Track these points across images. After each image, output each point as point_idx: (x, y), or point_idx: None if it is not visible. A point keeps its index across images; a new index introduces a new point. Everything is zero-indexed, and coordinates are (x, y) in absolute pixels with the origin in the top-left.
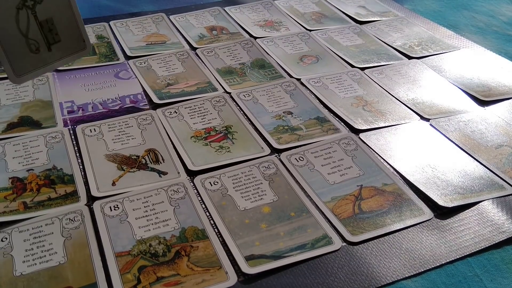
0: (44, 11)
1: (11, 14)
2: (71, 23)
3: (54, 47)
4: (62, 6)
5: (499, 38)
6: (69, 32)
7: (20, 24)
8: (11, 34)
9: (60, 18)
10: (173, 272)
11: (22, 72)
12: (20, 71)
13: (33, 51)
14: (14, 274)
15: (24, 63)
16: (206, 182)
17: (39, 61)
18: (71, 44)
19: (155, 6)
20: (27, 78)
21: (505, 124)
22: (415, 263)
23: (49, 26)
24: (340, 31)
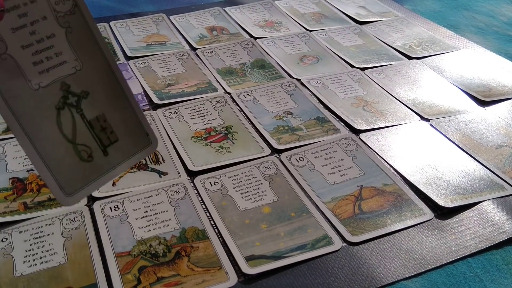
0: (92, 107)
1: (50, 117)
2: (128, 116)
3: (111, 150)
4: (114, 96)
5: (499, 39)
6: (128, 127)
7: (64, 128)
8: (54, 143)
9: (114, 112)
10: (174, 273)
11: (73, 190)
12: (71, 188)
13: (84, 159)
14: (14, 274)
15: (74, 178)
16: (207, 182)
17: (94, 171)
18: (132, 141)
19: (155, 7)
20: (81, 195)
21: (505, 124)
22: (415, 263)
23: (101, 124)
24: (340, 31)
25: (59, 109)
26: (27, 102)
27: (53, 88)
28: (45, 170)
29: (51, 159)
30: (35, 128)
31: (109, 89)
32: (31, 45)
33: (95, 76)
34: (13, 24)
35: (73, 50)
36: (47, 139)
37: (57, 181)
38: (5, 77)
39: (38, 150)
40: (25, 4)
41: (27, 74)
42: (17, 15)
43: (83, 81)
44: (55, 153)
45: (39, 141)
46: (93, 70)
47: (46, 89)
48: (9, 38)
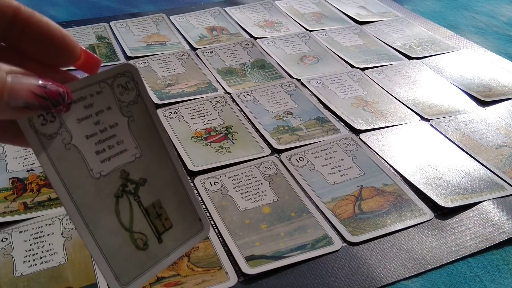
0: (149, 194)
1: (109, 205)
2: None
3: (165, 237)
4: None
5: (500, 39)
6: (182, 213)
7: (121, 216)
8: (112, 232)
9: (169, 198)
10: (173, 273)
11: (129, 279)
12: (126, 278)
13: (140, 247)
14: (14, 274)
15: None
16: (207, 182)
17: (148, 260)
18: (186, 227)
19: (155, 7)
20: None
21: (505, 125)
22: (415, 263)
23: (156, 211)
24: (340, 31)
25: (117, 197)
26: (88, 192)
27: (113, 176)
28: (102, 260)
29: (108, 249)
30: (95, 218)
31: (165, 175)
32: (95, 135)
33: (153, 163)
34: (79, 115)
35: (134, 138)
36: (106, 228)
37: (113, 271)
38: (69, 168)
39: (96, 240)
40: (92, 96)
41: (89, 163)
42: (83, 106)
43: (142, 168)
44: (112, 242)
45: (98, 230)
46: (151, 157)
47: (107, 177)
48: (74, 128)
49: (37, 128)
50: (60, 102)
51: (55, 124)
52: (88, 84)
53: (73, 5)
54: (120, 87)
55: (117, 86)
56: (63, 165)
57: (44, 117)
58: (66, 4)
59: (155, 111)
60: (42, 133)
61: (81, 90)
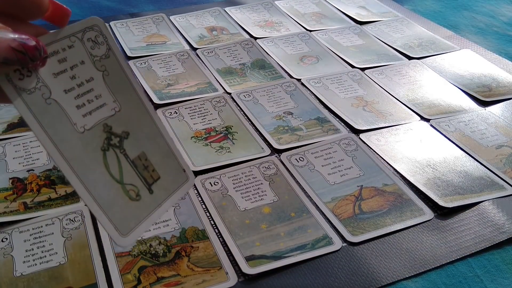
0: (134, 146)
1: (98, 158)
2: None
3: (155, 188)
4: (152, 135)
5: (500, 39)
6: (167, 164)
7: (111, 169)
8: (105, 184)
9: (152, 150)
10: (174, 273)
11: (128, 230)
12: (125, 228)
13: (133, 198)
14: (14, 274)
15: (127, 217)
16: (207, 182)
17: (143, 210)
18: (172, 178)
19: (155, 7)
20: (135, 235)
21: (505, 125)
22: (415, 263)
23: (143, 163)
24: (340, 31)
25: (104, 150)
26: (75, 145)
27: (97, 130)
28: (101, 213)
29: (104, 201)
30: (86, 171)
31: (146, 128)
32: (73, 89)
33: (132, 117)
34: (54, 69)
35: (111, 93)
36: (98, 181)
37: (112, 222)
38: (52, 122)
39: (91, 193)
40: (64, 50)
41: (72, 117)
42: (57, 61)
43: (123, 122)
44: (107, 195)
45: (92, 184)
46: (130, 111)
47: (91, 131)
48: (51, 83)
49: (15, 83)
50: (37, 56)
51: (32, 79)
52: (59, 38)
53: (73, 5)
54: (91, 41)
55: (87, 40)
56: (46, 119)
57: (20, 71)
58: (66, 4)
59: (127, 65)
60: (21, 88)
61: (53, 44)
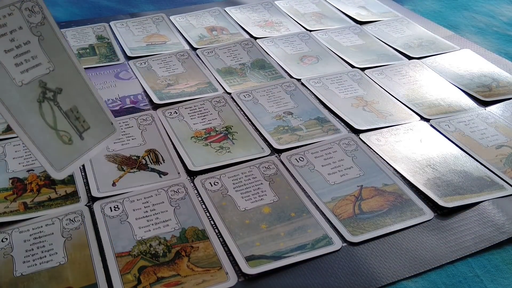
0: (66, 101)
1: (34, 108)
2: (95, 108)
3: (85, 135)
4: (82, 92)
5: (499, 39)
6: (96, 117)
7: (46, 117)
8: (41, 129)
9: (83, 105)
10: (174, 273)
11: (62, 166)
12: (59, 165)
13: (66, 142)
14: (14, 274)
15: (61, 157)
16: (207, 182)
17: (75, 152)
18: (101, 129)
19: (155, 7)
20: (68, 171)
21: (505, 124)
22: (415, 263)
23: (75, 115)
24: (340, 31)
25: (40, 102)
26: (14, 96)
27: (33, 85)
28: (37, 151)
29: (40, 143)
30: (24, 118)
31: (77, 86)
32: (12, 50)
33: (65, 76)
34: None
35: (46, 55)
36: (35, 126)
37: (48, 160)
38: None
39: (29, 136)
40: (4, 17)
41: (11, 73)
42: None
43: (57, 80)
44: (42, 138)
45: (29, 128)
46: (63, 71)
47: (28, 85)
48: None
49: None
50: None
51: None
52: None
53: (73, 5)
54: (28, 10)
55: (25, 9)
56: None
57: None
58: (66, 4)
59: (60, 33)
60: None
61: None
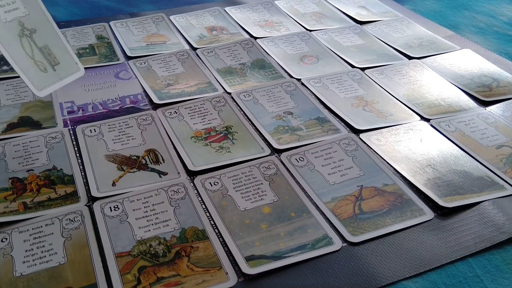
0: (40, 39)
1: (16, 40)
2: (63, 49)
3: (57, 68)
4: (52, 35)
5: (500, 38)
6: (64, 56)
7: (25, 49)
8: (22, 57)
9: (54, 45)
10: (173, 273)
11: (42, 87)
12: (40, 85)
13: (42, 70)
14: (14, 274)
15: (40, 80)
16: (206, 182)
17: (51, 78)
18: (69, 66)
19: (155, 6)
20: (47, 91)
21: (505, 124)
22: (415, 263)
23: (47, 51)
24: (340, 31)
25: (20, 36)
26: (1, 29)
27: (14, 23)
28: (21, 73)
29: (23, 67)
30: (10, 46)
31: (47, 31)
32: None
33: (38, 20)
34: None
35: (22, 2)
36: (18, 53)
37: (30, 80)
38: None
39: (14, 60)
40: None
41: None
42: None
43: (31, 22)
44: (24, 63)
45: (14, 54)
46: (36, 16)
47: (11, 23)
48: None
49: None
50: None
51: None
52: None
53: (72, 5)
54: None
55: None
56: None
57: None
58: (66, 4)
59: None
60: None
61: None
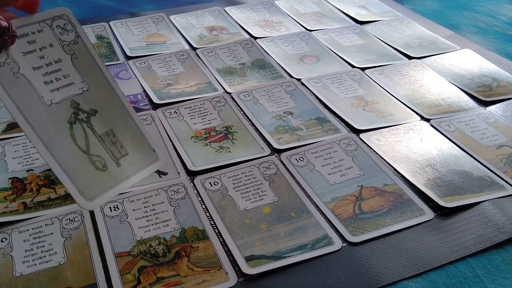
0: (101, 123)
1: (64, 129)
2: (134, 133)
3: (123, 161)
4: (120, 115)
5: (500, 38)
6: (135, 143)
7: (77, 140)
8: (70, 152)
9: (121, 129)
10: (173, 273)
11: (93, 195)
12: (90, 194)
13: (99, 168)
14: (14, 274)
15: (92, 184)
16: (206, 182)
17: (110, 180)
18: (141, 156)
19: (155, 6)
20: (100, 200)
21: (505, 124)
22: (415, 263)
23: (111, 139)
24: (340, 31)
25: (71, 123)
26: (41, 115)
27: (64, 104)
28: (64, 177)
29: (68, 167)
30: (51, 139)
31: (114, 108)
32: (41, 67)
33: (101, 97)
34: (24, 49)
35: (79, 74)
36: (63, 148)
37: (76, 186)
38: (20, 93)
39: (56, 158)
40: (33, 33)
41: (39, 91)
42: (27, 42)
43: (91, 100)
44: (71, 161)
45: (56, 150)
46: (98, 92)
47: (58, 105)
48: (20, 60)
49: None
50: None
51: (2, 55)
52: (29, 23)
53: (72, 4)
54: (60, 28)
55: (56, 27)
56: (14, 90)
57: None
58: (66, 4)
59: (95, 52)
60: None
61: (23, 28)
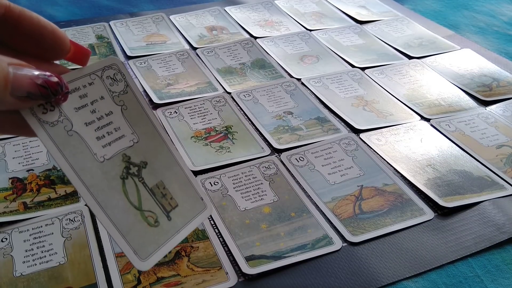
0: (152, 175)
1: (117, 186)
2: (183, 182)
3: (173, 215)
4: (169, 164)
5: (500, 38)
6: (184, 193)
7: (130, 196)
8: (123, 210)
9: (170, 179)
10: (173, 273)
11: (147, 254)
12: (144, 253)
13: (152, 224)
14: (14, 274)
15: (146, 242)
16: (206, 182)
17: (162, 235)
18: (190, 206)
19: (155, 6)
20: (154, 259)
21: (505, 124)
22: (415, 263)
23: (161, 191)
24: (340, 31)
25: (123, 178)
26: (95, 174)
27: (117, 159)
28: (120, 237)
29: (123, 226)
30: (105, 198)
31: (163, 158)
32: (93, 122)
33: (150, 147)
34: (76, 104)
35: (129, 125)
36: (117, 207)
37: (131, 247)
38: (73, 152)
39: (111, 218)
40: (85, 86)
41: (92, 148)
42: (79, 96)
43: (141, 152)
44: (126, 220)
45: (110, 209)
46: (148, 142)
47: (110, 161)
48: (73, 116)
49: (39, 116)
50: (59, 91)
51: (55, 113)
52: (80, 76)
53: (72, 4)
54: (110, 79)
55: (106, 77)
56: (68, 149)
57: (44, 106)
58: (66, 4)
59: (144, 100)
60: (44, 121)
61: (75, 82)
